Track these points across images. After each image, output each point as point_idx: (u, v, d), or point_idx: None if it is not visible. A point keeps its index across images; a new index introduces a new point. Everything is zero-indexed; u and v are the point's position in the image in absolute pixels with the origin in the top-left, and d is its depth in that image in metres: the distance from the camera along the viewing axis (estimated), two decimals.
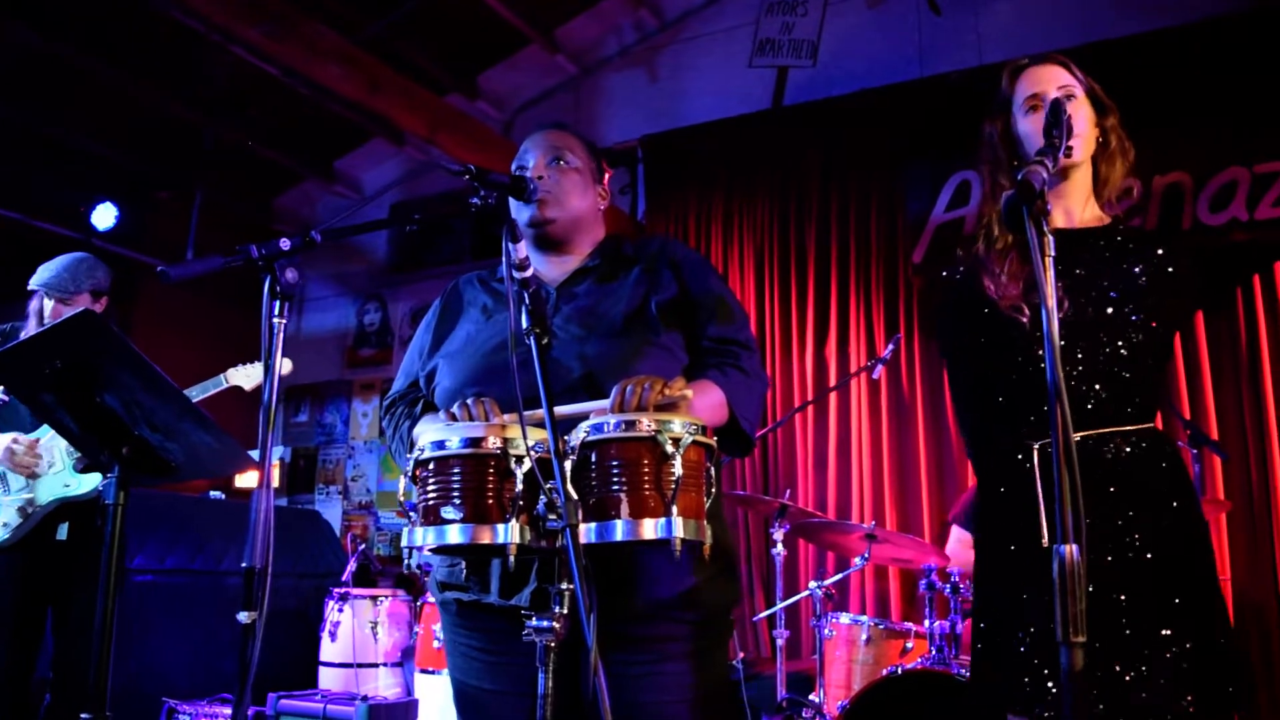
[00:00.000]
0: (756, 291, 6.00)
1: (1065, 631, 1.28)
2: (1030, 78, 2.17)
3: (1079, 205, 2.17)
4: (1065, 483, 1.31)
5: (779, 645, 4.08)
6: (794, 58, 6.21)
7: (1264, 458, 4.77)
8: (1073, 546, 1.29)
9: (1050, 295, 1.36)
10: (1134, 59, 5.14)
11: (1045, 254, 1.37)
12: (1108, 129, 2.20)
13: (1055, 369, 1.34)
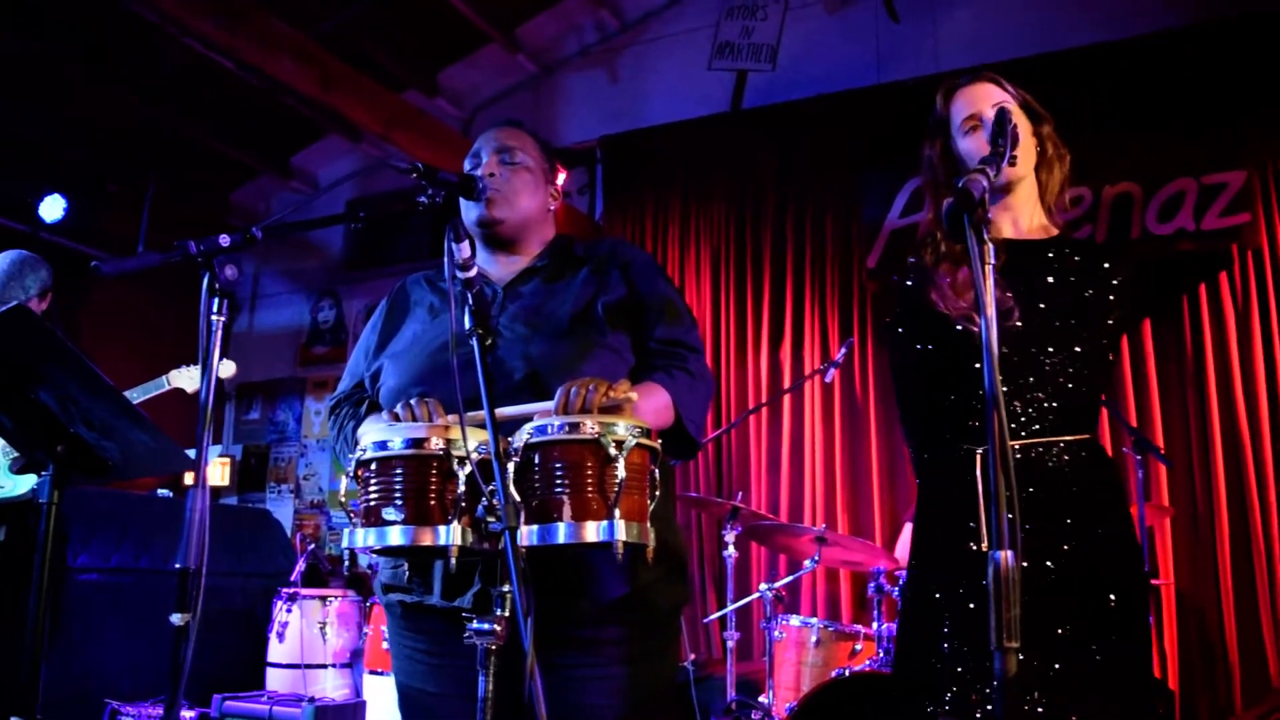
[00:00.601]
0: (713, 294, 6.02)
1: (999, 637, 1.29)
2: (965, 97, 2.19)
3: (1026, 217, 2.19)
4: (1002, 490, 1.31)
5: (729, 647, 4.09)
6: (753, 61, 6.24)
7: (1207, 464, 4.85)
8: (1008, 553, 1.30)
9: (990, 304, 1.37)
10: (1086, 70, 5.22)
11: (985, 262, 1.38)
12: (1044, 137, 2.23)
13: (993, 378, 1.34)
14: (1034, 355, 2.04)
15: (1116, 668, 1.91)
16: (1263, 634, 4.64)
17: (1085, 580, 1.95)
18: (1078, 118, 5.14)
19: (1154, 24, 5.21)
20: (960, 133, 2.18)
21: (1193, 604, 4.82)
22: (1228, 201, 4.92)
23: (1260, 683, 4.63)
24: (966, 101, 2.19)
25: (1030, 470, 2.01)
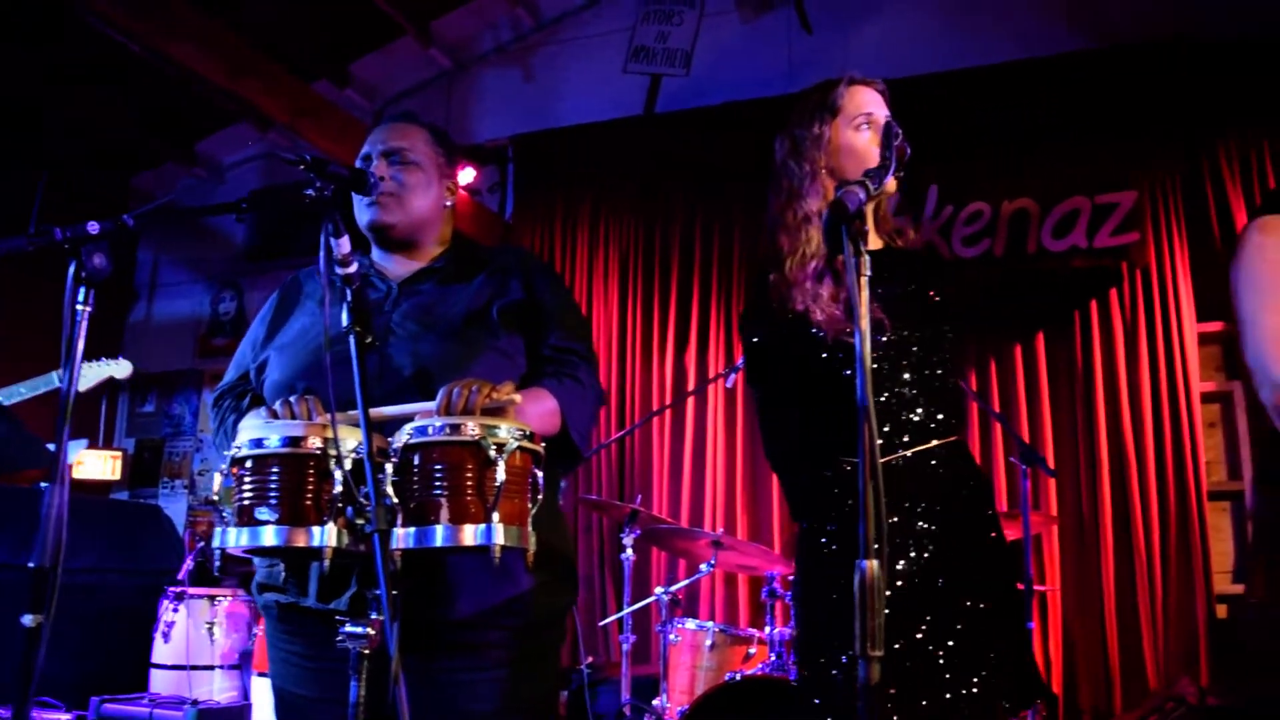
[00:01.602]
0: (620, 295, 6.02)
1: (863, 646, 1.30)
2: (866, 95, 2.21)
3: (875, 228, 2.24)
4: (870, 501, 1.33)
5: (625, 650, 4.10)
6: (667, 66, 6.26)
7: (1094, 475, 5.00)
8: (873, 562, 1.32)
9: (864, 316, 1.38)
10: (989, 88, 5.36)
11: (862, 274, 1.40)
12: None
13: (865, 388, 1.36)
14: (908, 363, 2.08)
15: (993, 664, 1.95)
16: (1142, 639, 4.81)
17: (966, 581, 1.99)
18: (980, 134, 5.31)
19: (1055, 47, 5.36)
20: (851, 126, 2.19)
21: (1077, 610, 4.96)
22: (1119, 221, 5.08)
23: (1139, 685, 4.79)
24: (865, 100, 2.21)
25: (911, 477, 2.04)
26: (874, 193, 1.56)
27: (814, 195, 2.15)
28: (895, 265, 2.17)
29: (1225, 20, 5.08)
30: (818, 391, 2.13)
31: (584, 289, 6.09)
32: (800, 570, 2.17)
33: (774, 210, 2.21)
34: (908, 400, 2.07)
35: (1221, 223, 5.02)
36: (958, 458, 2.10)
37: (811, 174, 2.17)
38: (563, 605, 2.16)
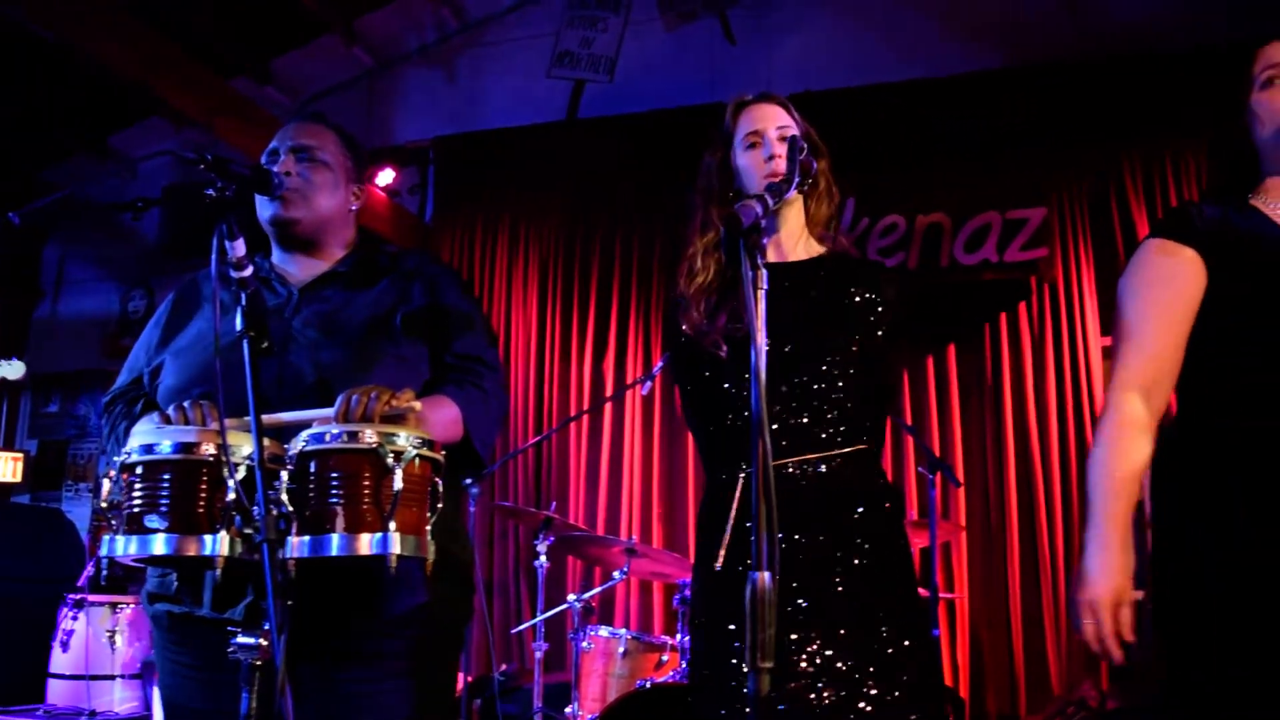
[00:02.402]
0: (539, 300, 6.00)
1: (753, 657, 1.31)
2: (752, 115, 2.23)
3: (791, 240, 2.24)
4: (763, 512, 1.34)
5: (537, 658, 4.08)
6: (591, 72, 6.25)
7: (1001, 484, 5.12)
8: (765, 574, 1.33)
9: (760, 330, 1.39)
10: (906, 103, 5.45)
11: (759, 287, 1.41)
12: (819, 171, 2.27)
13: (760, 400, 1.37)
14: (798, 374, 2.09)
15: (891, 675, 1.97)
16: (1046, 644, 4.93)
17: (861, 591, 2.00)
18: (897, 148, 5.41)
19: (968, 65, 5.48)
20: (741, 147, 2.21)
21: (983, 616, 5.07)
22: (1028, 236, 5.22)
23: (1043, 689, 4.91)
24: (752, 119, 2.22)
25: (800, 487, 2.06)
26: (773, 206, 1.57)
27: (707, 219, 2.20)
28: (819, 274, 2.19)
29: (1129, 40, 5.25)
30: (710, 405, 2.17)
31: (503, 293, 6.06)
32: (692, 580, 2.18)
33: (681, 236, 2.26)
34: (801, 410, 2.08)
35: (1126, 239, 5.18)
36: (856, 468, 2.09)
37: (705, 199, 2.22)
38: (462, 615, 2.15)
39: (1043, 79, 5.32)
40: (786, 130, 2.19)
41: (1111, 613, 1.72)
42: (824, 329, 2.12)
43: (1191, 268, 1.81)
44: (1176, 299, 1.82)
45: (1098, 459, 1.82)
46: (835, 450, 2.08)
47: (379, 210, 6.06)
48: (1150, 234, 1.93)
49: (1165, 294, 1.83)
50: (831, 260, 2.23)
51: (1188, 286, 1.81)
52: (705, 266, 2.19)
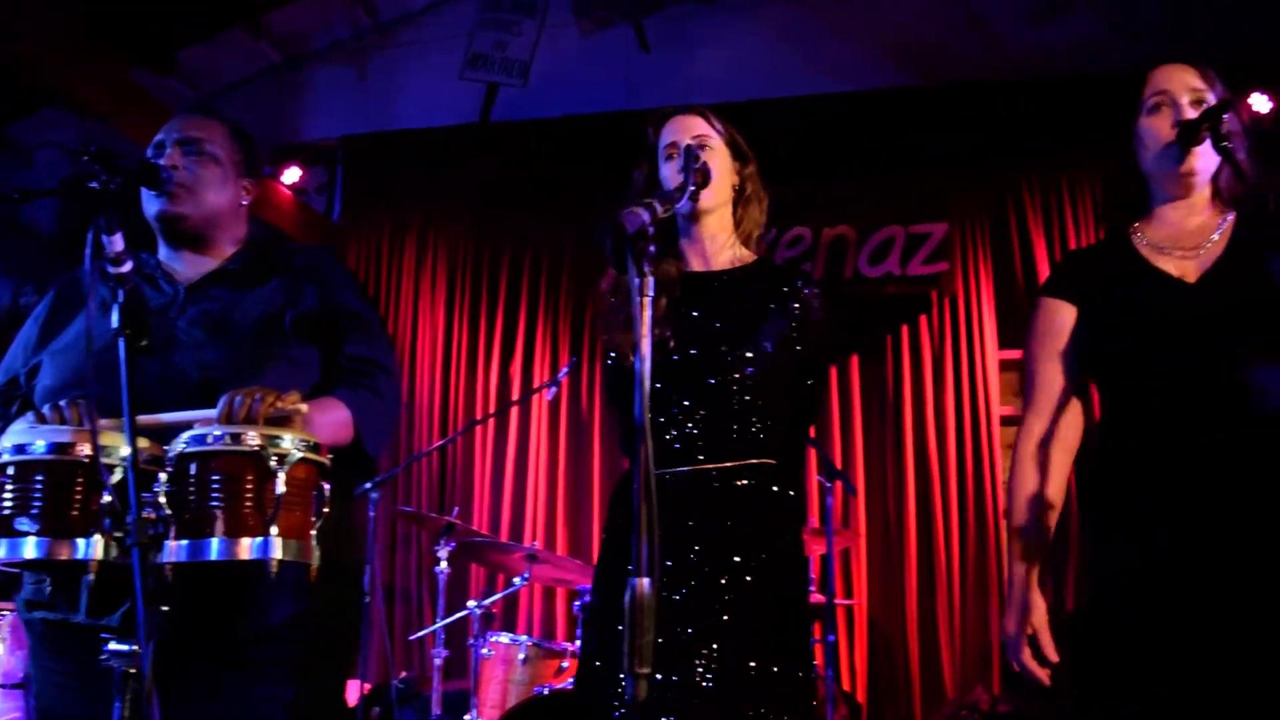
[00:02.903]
0: (447, 304, 5.95)
1: (631, 663, 1.31)
2: (670, 126, 2.26)
3: (715, 248, 2.26)
4: (644, 516, 1.34)
5: (436, 665, 4.04)
6: (505, 75, 6.21)
7: (900, 492, 5.22)
8: (644, 580, 1.33)
9: (645, 337, 1.40)
10: (816, 116, 5.53)
11: (644, 294, 1.41)
12: (745, 176, 2.30)
13: (643, 407, 1.38)
14: (704, 382, 2.11)
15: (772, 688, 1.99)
16: (941, 649, 5.04)
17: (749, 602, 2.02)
18: (806, 161, 5.48)
19: (879, 82, 5.57)
20: (662, 158, 2.25)
21: (881, 622, 5.16)
22: (930, 250, 5.36)
23: (938, 694, 5.02)
24: (670, 130, 2.26)
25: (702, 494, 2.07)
26: (661, 213, 1.58)
27: None
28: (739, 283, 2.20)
29: (1033, 65, 5.41)
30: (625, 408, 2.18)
31: (410, 295, 5.99)
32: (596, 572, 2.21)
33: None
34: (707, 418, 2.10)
35: (1024, 255, 5.34)
36: (761, 479, 2.11)
37: None
38: (351, 622, 2.12)
39: (949, 98, 5.44)
40: (704, 139, 2.21)
41: (1024, 646, 1.90)
42: (738, 338, 2.13)
43: (1066, 316, 2.02)
44: (1056, 346, 2.02)
45: (1011, 498, 2.01)
46: (740, 460, 2.10)
47: (285, 209, 5.95)
48: (1039, 291, 2.13)
49: (1053, 345, 2.03)
50: (755, 269, 2.24)
51: (1063, 334, 2.02)
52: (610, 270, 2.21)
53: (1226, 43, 5.07)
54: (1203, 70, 1.98)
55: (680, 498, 2.07)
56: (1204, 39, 5.04)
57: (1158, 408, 1.86)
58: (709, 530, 2.06)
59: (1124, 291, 1.94)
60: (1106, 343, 1.95)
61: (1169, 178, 1.95)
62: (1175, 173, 1.93)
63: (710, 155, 2.20)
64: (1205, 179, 1.95)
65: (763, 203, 2.33)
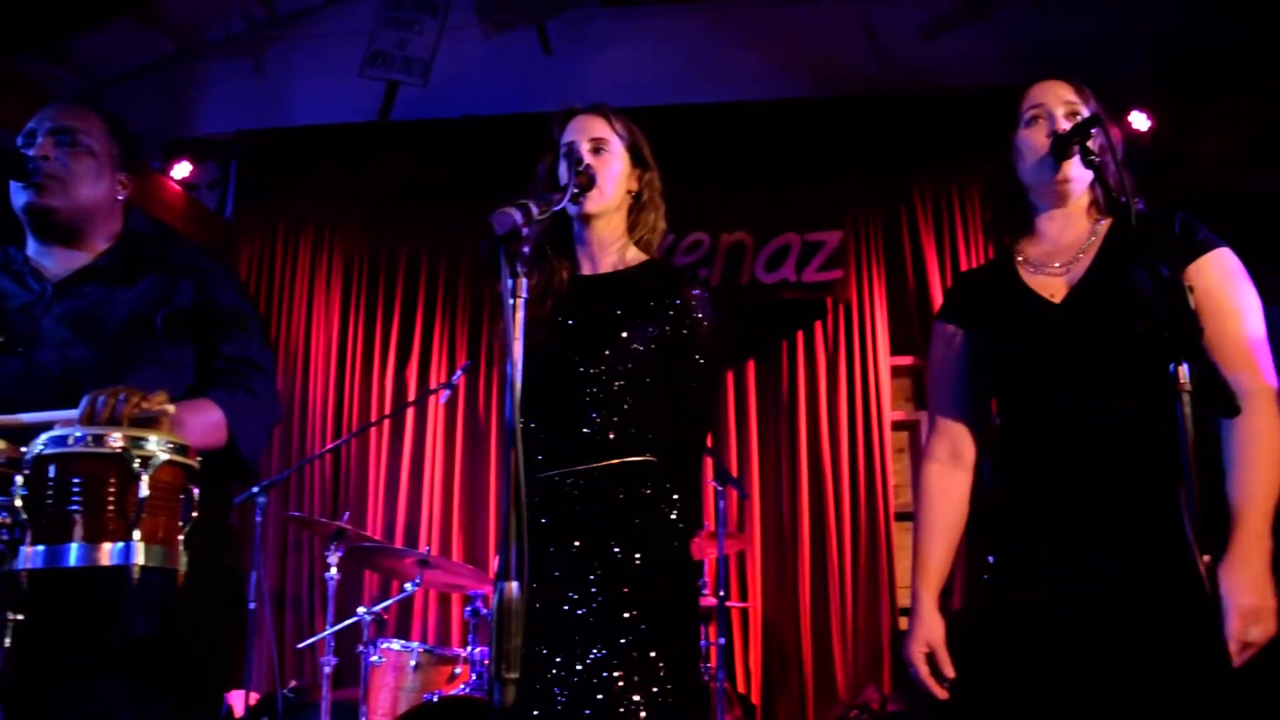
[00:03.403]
0: (342, 304, 5.83)
1: (497, 668, 1.30)
2: (572, 125, 2.25)
3: (604, 252, 2.26)
4: (513, 520, 1.33)
5: (325, 673, 3.95)
6: (405, 74, 6.14)
7: (794, 495, 5.30)
8: (513, 584, 1.32)
9: (517, 339, 1.39)
10: (716, 124, 5.58)
11: (517, 295, 1.41)
12: (644, 184, 2.30)
13: (514, 410, 1.37)
14: (594, 383, 2.10)
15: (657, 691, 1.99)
16: (834, 650, 5.11)
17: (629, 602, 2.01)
18: (705, 167, 5.53)
19: (778, 92, 5.66)
20: (561, 156, 2.23)
21: (775, 624, 5.22)
22: (825, 258, 5.46)
23: (830, 694, 5.09)
24: (571, 129, 2.25)
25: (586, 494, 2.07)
26: (537, 215, 1.57)
27: None
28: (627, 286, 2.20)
29: (927, 79, 5.54)
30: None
31: (304, 295, 5.86)
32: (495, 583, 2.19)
33: None
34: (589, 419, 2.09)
35: (915, 264, 5.48)
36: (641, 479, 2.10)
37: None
38: (228, 630, 2.07)
39: (844, 110, 5.55)
40: (601, 142, 2.21)
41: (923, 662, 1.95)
42: (617, 339, 2.13)
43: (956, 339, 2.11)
44: (950, 367, 2.11)
45: (916, 520, 2.09)
46: (621, 459, 2.09)
47: (174, 204, 5.77)
48: (935, 316, 2.21)
49: (949, 369, 2.11)
50: (641, 270, 2.23)
51: (955, 355, 2.11)
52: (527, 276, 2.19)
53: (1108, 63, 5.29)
54: (1077, 86, 2.05)
55: (564, 499, 2.07)
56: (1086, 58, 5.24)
57: (1038, 425, 1.93)
58: (594, 531, 2.05)
59: (1002, 313, 2.02)
60: (991, 364, 2.04)
61: (1045, 187, 2.02)
62: (1051, 182, 1.99)
63: (606, 159, 2.20)
64: (1081, 187, 2.02)
65: (660, 210, 2.33)
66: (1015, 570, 1.92)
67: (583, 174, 2.01)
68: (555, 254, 2.25)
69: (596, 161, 2.16)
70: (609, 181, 2.20)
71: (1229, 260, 1.95)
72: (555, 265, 2.23)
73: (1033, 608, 1.86)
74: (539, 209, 1.59)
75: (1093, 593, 1.80)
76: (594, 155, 2.19)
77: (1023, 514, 1.92)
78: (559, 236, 2.27)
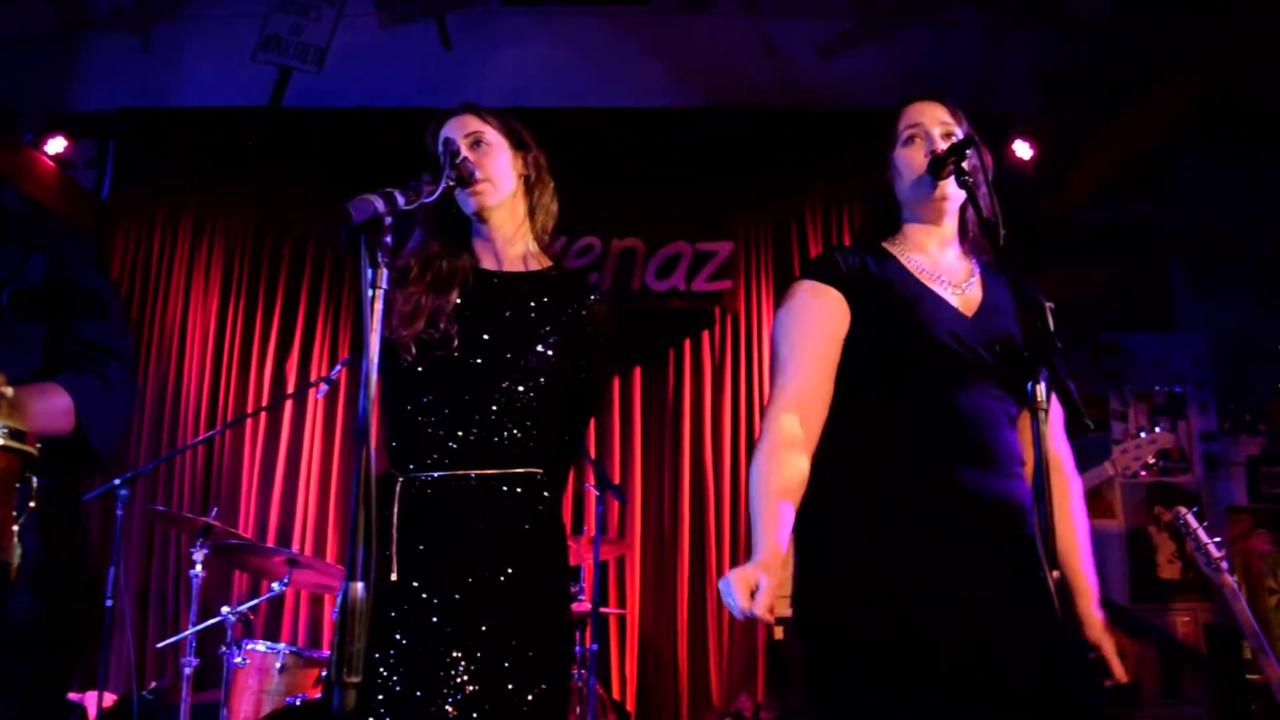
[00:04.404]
0: (221, 293, 5.65)
1: (338, 672, 1.25)
2: (447, 127, 2.22)
3: (506, 244, 2.22)
4: (361, 521, 1.29)
5: (186, 675, 3.81)
6: (299, 60, 5.99)
7: (676, 503, 5.33)
8: (358, 585, 1.28)
9: (375, 330, 1.35)
10: (612, 129, 5.56)
11: (378, 287, 1.36)
12: (530, 165, 2.26)
13: (367, 409, 1.33)
14: (488, 386, 2.06)
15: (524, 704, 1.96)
16: (709, 658, 5.15)
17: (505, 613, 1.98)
18: (599, 172, 5.51)
19: (676, 100, 5.68)
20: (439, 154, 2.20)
21: (652, 630, 5.23)
22: (715, 268, 5.51)
23: (704, 701, 5.13)
24: (447, 130, 2.22)
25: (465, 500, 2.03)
26: (403, 205, 1.53)
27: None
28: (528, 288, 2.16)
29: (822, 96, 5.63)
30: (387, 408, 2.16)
31: (182, 281, 5.66)
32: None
33: None
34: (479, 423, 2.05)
35: None
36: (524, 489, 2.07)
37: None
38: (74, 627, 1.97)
39: (742, 121, 5.59)
40: (478, 135, 2.18)
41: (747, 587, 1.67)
42: (524, 344, 2.09)
43: (838, 308, 1.98)
44: (825, 334, 1.97)
45: (755, 480, 1.89)
46: (508, 469, 2.06)
47: (46, 181, 5.52)
48: (801, 275, 2.08)
49: (815, 330, 1.98)
50: (549, 276, 2.21)
51: (834, 324, 1.98)
52: (421, 271, 2.14)
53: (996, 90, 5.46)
54: (951, 107, 2.09)
55: (442, 503, 2.02)
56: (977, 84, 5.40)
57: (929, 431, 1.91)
58: (469, 538, 2.01)
59: (909, 306, 1.95)
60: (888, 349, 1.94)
61: (923, 205, 2.05)
62: (929, 200, 2.02)
63: (488, 151, 2.17)
64: (954, 206, 2.05)
65: (550, 188, 2.30)
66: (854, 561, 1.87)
67: (460, 166, 1.98)
68: (454, 247, 2.20)
69: (477, 155, 2.14)
70: (498, 172, 2.17)
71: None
72: (457, 258, 2.18)
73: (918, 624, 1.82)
74: (406, 199, 1.55)
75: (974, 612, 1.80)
76: (473, 149, 2.16)
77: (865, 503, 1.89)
78: (455, 231, 2.23)
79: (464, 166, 2.00)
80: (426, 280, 2.13)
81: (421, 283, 2.13)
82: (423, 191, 1.68)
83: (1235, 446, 5.79)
